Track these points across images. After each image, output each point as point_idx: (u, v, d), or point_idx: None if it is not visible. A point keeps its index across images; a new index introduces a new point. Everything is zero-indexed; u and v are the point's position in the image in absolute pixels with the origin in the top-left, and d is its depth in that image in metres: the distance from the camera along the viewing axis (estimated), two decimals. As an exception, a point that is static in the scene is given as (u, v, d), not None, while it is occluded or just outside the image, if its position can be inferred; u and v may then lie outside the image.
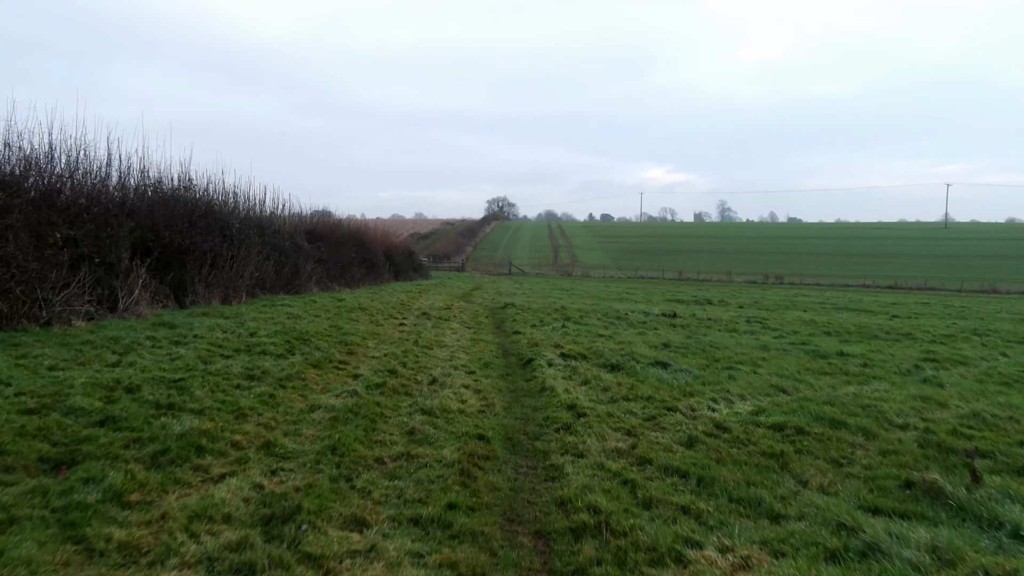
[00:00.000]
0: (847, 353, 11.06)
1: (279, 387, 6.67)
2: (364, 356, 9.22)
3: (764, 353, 10.84)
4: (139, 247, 13.43)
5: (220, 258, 15.35)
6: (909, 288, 57.62)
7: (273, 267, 18.38)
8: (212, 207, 16.65)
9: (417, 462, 4.87)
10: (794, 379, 8.60)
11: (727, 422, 6.20)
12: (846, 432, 5.95)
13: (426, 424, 5.77)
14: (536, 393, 7.47)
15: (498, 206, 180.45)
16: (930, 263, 76.85)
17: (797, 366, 9.72)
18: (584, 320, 15.18)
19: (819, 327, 15.91)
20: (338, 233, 27.47)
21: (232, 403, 5.91)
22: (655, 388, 7.62)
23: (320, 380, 7.34)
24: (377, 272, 31.54)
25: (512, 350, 10.87)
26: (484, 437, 5.52)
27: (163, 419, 5.21)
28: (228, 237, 16.24)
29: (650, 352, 10.29)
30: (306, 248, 22.04)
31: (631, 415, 6.42)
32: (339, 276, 25.45)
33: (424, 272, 45.93)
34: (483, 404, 6.73)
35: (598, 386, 7.72)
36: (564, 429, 5.82)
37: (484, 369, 8.98)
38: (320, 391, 6.81)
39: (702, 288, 43.58)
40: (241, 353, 8.39)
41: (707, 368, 9.20)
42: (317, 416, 5.83)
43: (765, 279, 61.91)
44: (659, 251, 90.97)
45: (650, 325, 14.71)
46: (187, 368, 7.14)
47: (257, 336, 9.73)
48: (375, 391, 6.82)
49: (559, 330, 13.16)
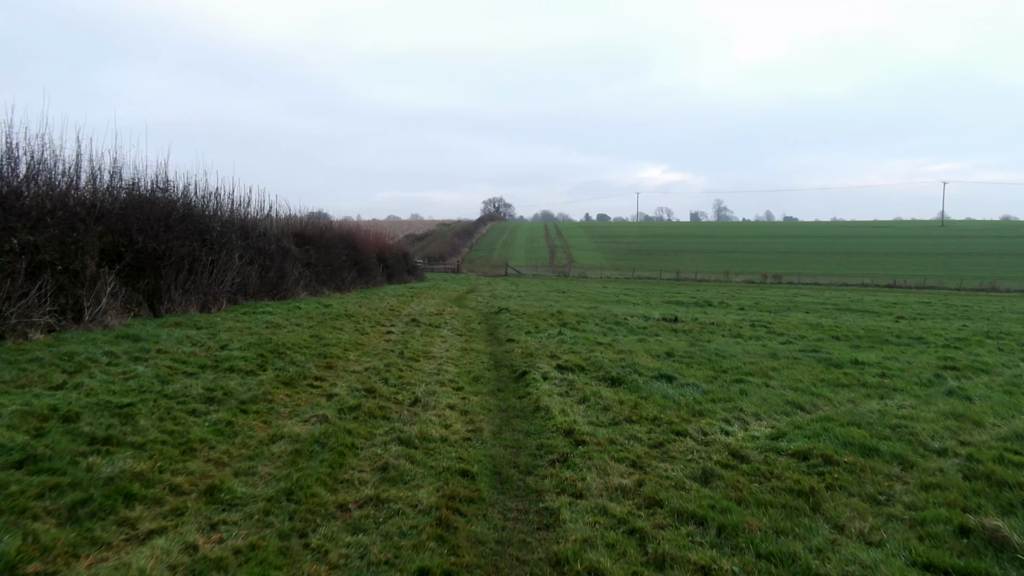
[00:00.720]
0: (862, 362, 10.37)
1: (240, 412, 5.94)
2: (343, 371, 8.50)
3: (774, 362, 10.14)
4: (109, 252, 12.69)
5: (198, 263, 14.60)
6: (908, 287, 57.01)
7: (257, 272, 17.64)
8: (191, 209, 15.92)
9: (388, 508, 4.15)
10: (810, 393, 7.90)
11: (744, 449, 5.50)
12: (880, 461, 5.24)
13: (402, 457, 5.04)
14: (530, 414, 6.75)
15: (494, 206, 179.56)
16: (928, 261, 76.31)
17: (811, 377, 9.02)
18: (581, 326, 14.47)
19: (826, 331, 15.23)
20: (328, 235, 26.72)
21: (181, 434, 5.18)
22: (661, 407, 6.91)
23: (289, 401, 6.62)
24: (369, 275, 30.79)
25: (505, 361, 10.15)
26: (468, 473, 4.80)
27: (93, 458, 4.48)
28: (208, 241, 15.51)
29: (653, 363, 9.58)
30: (293, 251, 21.29)
31: (636, 441, 5.71)
32: (329, 280, 24.70)
33: (418, 274, 45.18)
34: (470, 429, 6.01)
35: (598, 405, 7.01)
36: (560, 461, 5.10)
37: (473, 384, 8.26)
38: (287, 415, 6.08)
39: (700, 288, 42.90)
40: (207, 370, 7.66)
41: (715, 381, 8.49)
42: (278, 448, 5.10)
43: (763, 279, 61.24)
44: (656, 251, 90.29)
45: (651, 331, 14.01)
46: (140, 390, 6.41)
47: (228, 349, 9.00)
48: (348, 415, 6.09)
49: (555, 338, 12.44)
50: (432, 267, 66.88)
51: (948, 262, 75.34)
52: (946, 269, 67.43)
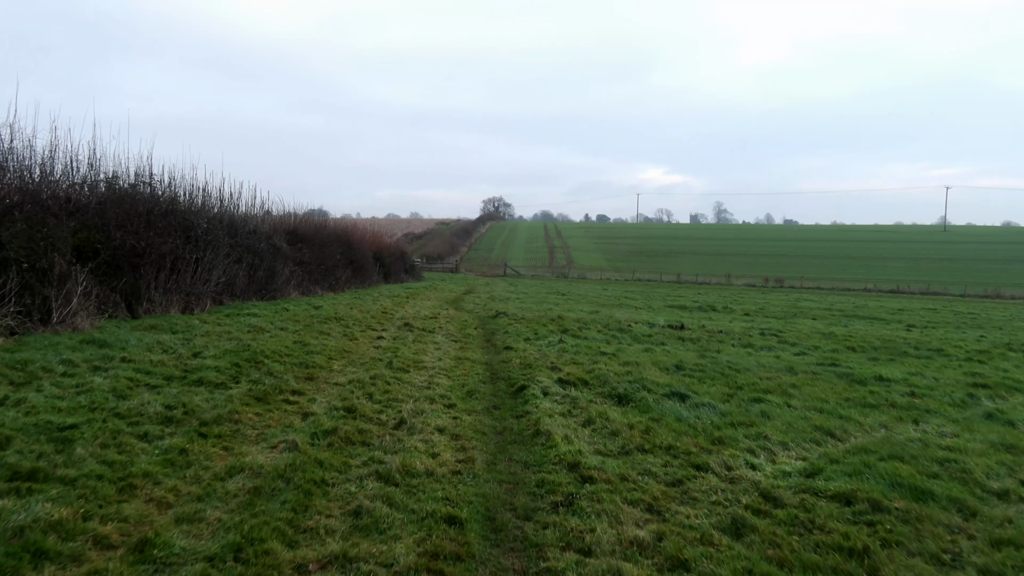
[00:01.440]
0: (886, 378, 9.64)
1: (198, 436, 5.19)
2: (325, 383, 7.76)
3: (792, 378, 9.41)
4: (85, 249, 11.95)
5: (181, 261, 13.86)
6: (911, 292, 56.33)
7: (245, 271, 16.90)
8: (176, 205, 15.18)
9: (357, 570, 3.42)
10: (838, 416, 7.17)
11: (776, 489, 4.76)
12: (936, 507, 4.51)
13: (379, 498, 4.30)
14: (529, 439, 6.01)
15: (494, 206, 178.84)
16: (931, 267, 75.64)
17: (834, 396, 8.29)
18: (583, 333, 13.72)
19: (840, 341, 14.51)
20: (323, 234, 25.95)
21: (123, 465, 4.45)
22: (675, 432, 6.18)
23: (259, 421, 5.88)
24: (365, 274, 30.04)
25: (502, 372, 9.42)
26: (456, 520, 4.07)
27: (7, 500, 3.74)
28: (193, 238, 14.77)
29: (662, 377, 8.84)
30: (284, 250, 20.54)
31: (650, 477, 4.98)
32: (322, 279, 23.96)
33: (416, 274, 44.41)
34: (460, 459, 5.27)
35: (605, 429, 6.27)
36: (565, 505, 4.36)
37: (467, 400, 7.53)
38: (252, 440, 5.34)
39: (702, 292, 42.19)
40: (173, 382, 6.92)
41: (731, 400, 7.76)
42: (235, 485, 4.36)
43: (765, 282, 60.55)
44: (656, 253, 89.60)
45: (656, 339, 13.28)
46: (90, 407, 5.67)
47: (201, 357, 8.26)
48: (322, 441, 5.34)
49: (556, 346, 11.71)
50: (430, 266, 66.09)
51: (951, 268, 74.67)
52: (949, 275, 66.74)
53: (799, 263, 78.21)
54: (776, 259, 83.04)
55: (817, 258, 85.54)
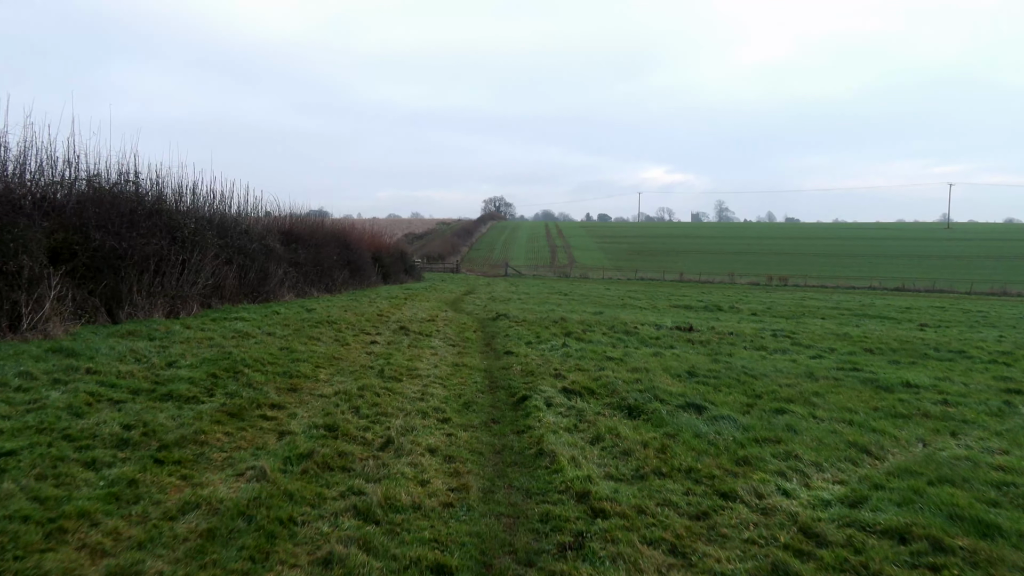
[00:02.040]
0: (914, 384, 8.99)
1: (154, 463, 4.56)
2: (309, 395, 7.13)
3: (813, 384, 8.77)
4: (62, 251, 11.33)
5: (166, 263, 13.24)
6: (917, 290, 55.59)
7: (235, 273, 16.27)
8: (162, 204, 14.55)
9: (320, 643, 2.78)
10: (870, 429, 6.52)
11: (817, 523, 4.12)
12: (1007, 546, 3.86)
13: (355, 542, 3.66)
14: (531, 460, 5.37)
15: (495, 206, 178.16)
16: (935, 264, 74.90)
17: (862, 405, 7.65)
18: (588, 336, 13.07)
19: (856, 342, 13.86)
20: (319, 234, 25.32)
21: (58, 502, 3.82)
22: (695, 451, 5.53)
23: (228, 443, 5.24)
24: (363, 275, 29.42)
25: (502, 380, 8.78)
26: (445, 569, 3.43)
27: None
28: (179, 239, 14.14)
29: (675, 385, 8.20)
30: (278, 251, 19.91)
31: (671, 509, 4.33)
32: (318, 281, 23.34)
33: (416, 274, 43.78)
34: (453, 487, 4.63)
35: (616, 447, 5.63)
36: (574, 548, 3.72)
37: (463, 413, 6.89)
38: (217, 466, 4.71)
39: (706, 291, 41.52)
40: (139, 396, 6.29)
41: (752, 411, 7.12)
42: (186, 526, 3.72)
43: (769, 281, 59.83)
44: (658, 252, 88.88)
45: (664, 342, 12.63)
46: (38, 428, 5.03)
47: (176, 367, 7.62)
48: (296, 468, 4.70)
49: (559, 350, 11.06)
50: (431, 266, 65.44)
51: (956, 265, 73.93)
52: (954, 272, 66.01)
53: (803, 261, 77.47)
54: (779, 257, 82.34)
55: (821, 256, 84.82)
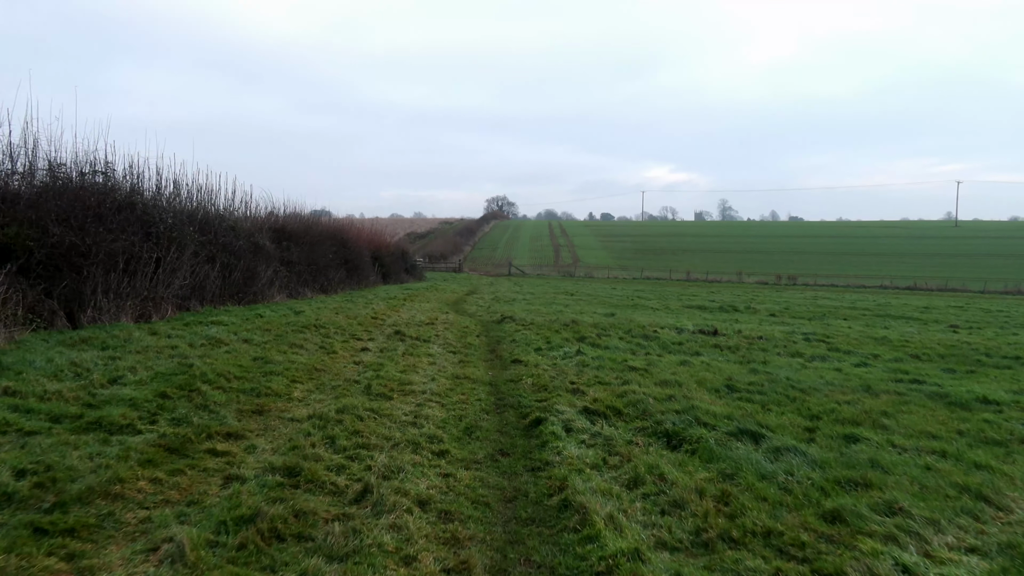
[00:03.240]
0: (991, 399, 7.68)
1: (32, 534, 3.26)
2: (278, 419, 5.85)
3: (874, 400, 7.47)
4: (14, 247, 10.08)
5: (137, 261, 11.98)
6: (928, 289, 54.23)
7: (219, 272, 14.99)
8: (136, 197, 13.29)
9: None
10: (971, 464, 5.21)
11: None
12: None
13: None
14: (554, 517, 4.08)
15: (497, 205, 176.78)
16: (946, 263, 73.45)
17: (942, 428, 6.35)
18: (604, 341, 11.76)
19: (897, 347, 12.56)
20: (314, 231, 24.02)
21: None
22: (767, 503, 4.23)
23: (152, 495, 3.95)
24: (361, 275, 28.14)
25: (510, 396, 7.49)
26: None
27: None
28: (154, 235, 12.89)
29: (716, 404, 6.89)
30: (268, 249, 18.63)
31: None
32: (312, 281, 22.07)
33: (418, 274, 42.48)
34: (449, 567, 3.33)
35: (662, 496, 4.34)
36: None
37: (464, 442, 5.61)
38: (126, 536, 3.41)
39: (715, 290, 40.18)
40: (60, 425, 5.01)
41: (815, 437, 5.82)
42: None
43: (778, 280, 58.43)
44: (663, 250, 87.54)
45: (689, 347, 11.33)
46: None
47: (120, 383, 6.35)
48: (230, 539, 3.39)
49: (573, 358, 9.78)
50: (433, 266, 64.14)
51: (967, 264, 72.49)
52: (966, 271, 64.61)
53: (811, 260, 76.09)
54: (787, 256, 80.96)
55: (828, 255, 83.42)
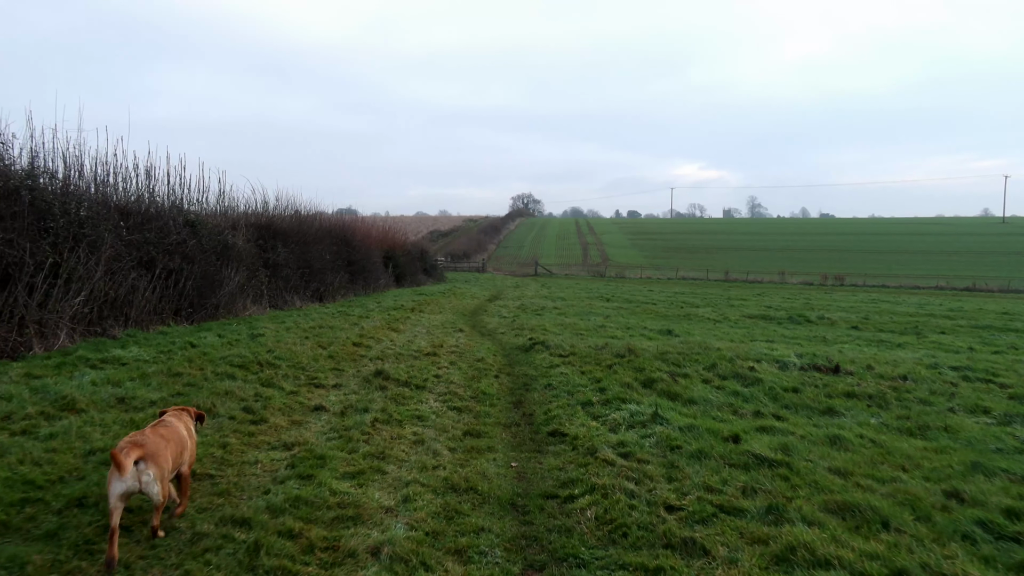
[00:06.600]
0: None
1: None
2: None
3: None
4: None
5: (18, 268, 8.49)
6: (990, 290, 49.27)
7: (158, 281, 11.47)
8: (27, 182, 9.76)
9: None
10: None
11: None
12: None
13: None
14: None
15: (523, 202, 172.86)
16: (1000, 260, 68.19)
17: None
18: (684, 388, 7.90)
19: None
20: (308, 229, 20.45)
21: None
22: None
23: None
24: (369, 277, 24.61)
25: (550, 532, 3.80)
26: None
27: None
28: (53, 231, 9.39)
29: None
30: (239, 249, 15.04)
31: None
32: (303, 287, 18.56)
33: (437, 275, 38.91)
34: None
35: None
36: None
37: None
38: None
39: (761, 292, 36.09)
40: None
41: None
42: None
43: (824, 280, 53.85)
44: (695, 248, 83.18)
45: (815, 401, 7.51)
46: None
47: None
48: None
49: (649, 429, 6.03)
50: (455, 265, 60.65)
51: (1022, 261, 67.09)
52: (1023, 270, 59.40)
53: (852, 258, 71.31)
54: (827, 254, 76.14)
55: (870, 253, 78.43)
